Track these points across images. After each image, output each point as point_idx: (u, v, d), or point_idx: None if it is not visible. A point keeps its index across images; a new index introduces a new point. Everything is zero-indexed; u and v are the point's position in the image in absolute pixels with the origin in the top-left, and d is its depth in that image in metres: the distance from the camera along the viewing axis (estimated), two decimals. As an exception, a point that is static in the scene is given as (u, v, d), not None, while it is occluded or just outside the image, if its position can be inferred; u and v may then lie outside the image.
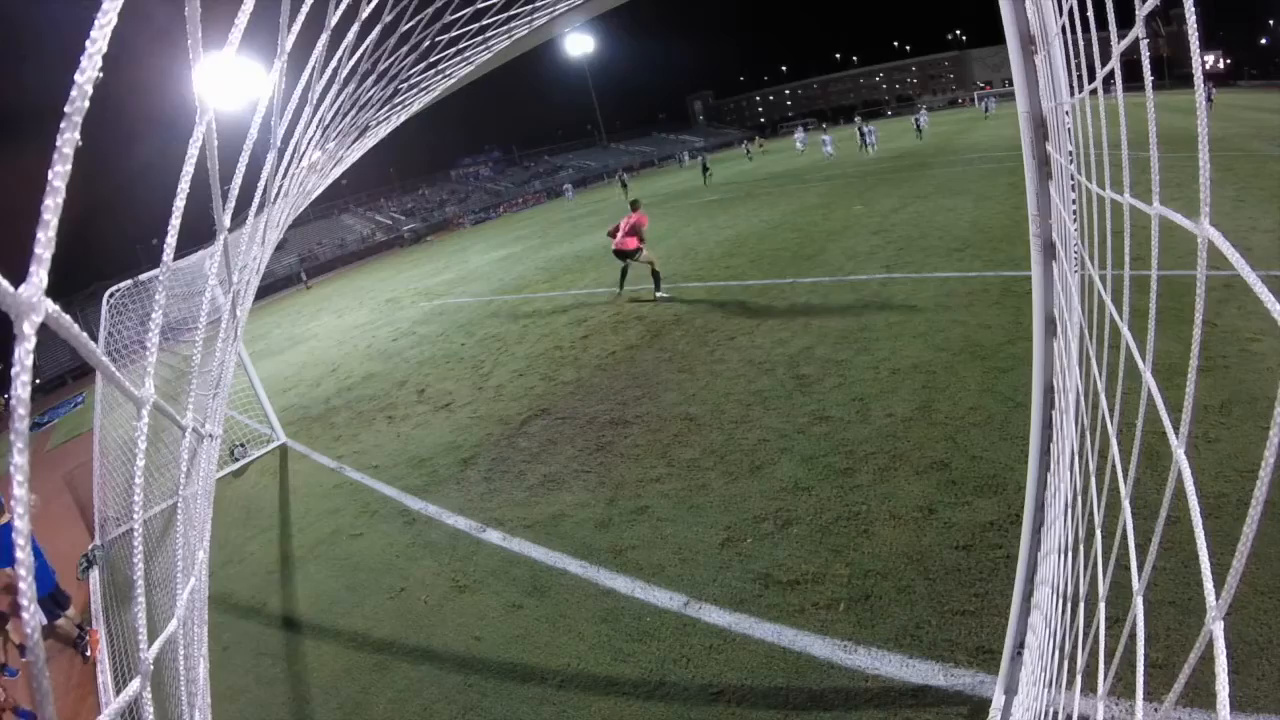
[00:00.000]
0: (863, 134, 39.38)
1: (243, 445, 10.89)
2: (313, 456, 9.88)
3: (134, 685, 0.93)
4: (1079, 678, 1.68)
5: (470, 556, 6.05)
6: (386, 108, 5.09)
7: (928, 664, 3.79)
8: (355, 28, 2.40)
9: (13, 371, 0.56)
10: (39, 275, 0.58)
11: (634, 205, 14.23)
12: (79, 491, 12.06)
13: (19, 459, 0.56)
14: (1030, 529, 2.82)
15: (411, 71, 4.42)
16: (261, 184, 1.96)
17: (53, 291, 0.58)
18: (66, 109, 0.64)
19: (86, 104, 0.66)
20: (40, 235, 0.59)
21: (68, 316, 0.61)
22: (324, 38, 2.03)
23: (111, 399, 10.18)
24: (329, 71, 2.36)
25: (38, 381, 43.69)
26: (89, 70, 0.66)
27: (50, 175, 0.62)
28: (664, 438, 7.31)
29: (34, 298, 0.56)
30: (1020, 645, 3.01)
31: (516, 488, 7.09)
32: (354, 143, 5.64)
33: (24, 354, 0.55)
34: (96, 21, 0.69)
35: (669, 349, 10.28)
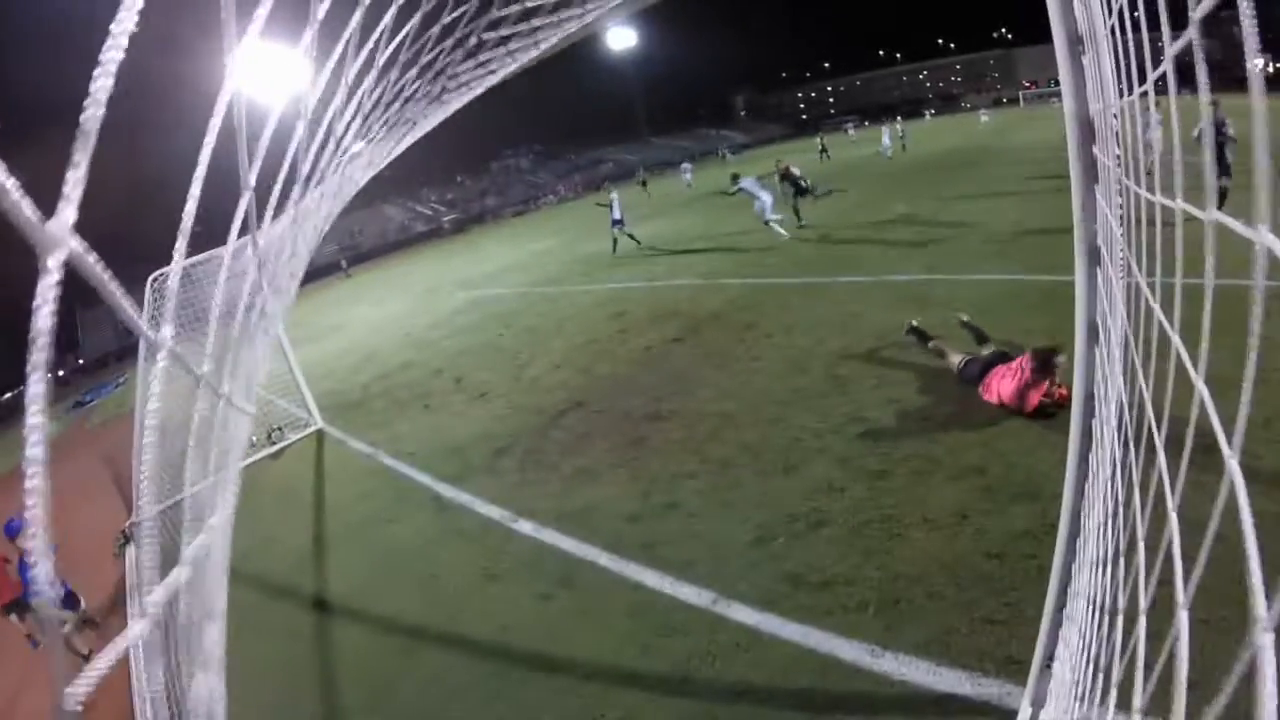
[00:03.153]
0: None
1: (280, 429, 11.08)
2: (349, 442, 10.03)
3: (140, 626, 0.91)
4: (1113, 693, 1.64)
5: (501, 546, 6.10)
6: (432, 103, 5.12)
7: (955, 672, 3.74)
8: (393, 10, 2.41)
9: (34, 305, 0.57)
10: (67, 211, 0.59)
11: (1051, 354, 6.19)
12: (118, 469, 12.36)
13: (36, 420, 0.57)
14: (1066, 539, 2.77)
15: (459, 69, 4.43)
16: (290, 157, 1.96)
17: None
18: (102, 56, 0.66)
19: (121, 54, 0.67)
20: (70, 175, 0.60)
21: (94, 254, 0.63)
22: (358, 15, 2.02)
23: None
24: (365, 53, 2.38)
25: (80, 361, 44.75)
26: (125, 21, 0.67)
27: (82, 120, 0.63)
28: (699, 434, 7.29)
29: (61, 232, 0.57)
30: (1050, 658, 2.95)
31: (550, 479, 7.13)
32: (401, 137, 5.69)
33: (47, 288, 0.57)
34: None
35: (706, 345, 10.25)
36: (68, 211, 0.59)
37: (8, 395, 41.07)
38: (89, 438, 17.58)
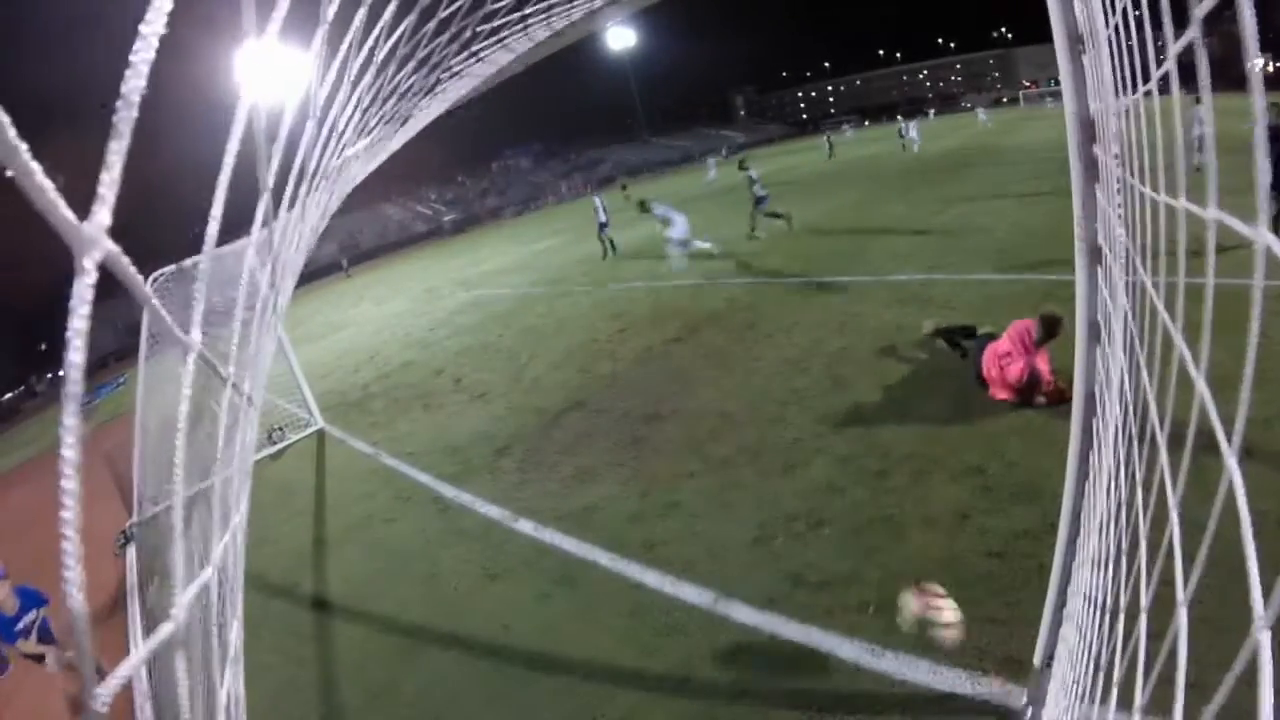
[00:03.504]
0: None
1: (281, 429, 11.08)
2: (349, 442, 10.03)
3: (167, 628, 0.91)
4: (1114, 692, 1.64)
5: (502, 545, 6.10)
6: (427, 96, 5.12)
7: (955, 671, 3.74)
8: (392, 7, 2.41)
9: (70, 305, 0.57)
10: (102, 213, 0.59)
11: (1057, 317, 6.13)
12: (118, 469, 12.33)
13: (70, 420, 0.57)
14: (1066, 538, 2.77)
15: (453, 61, 4.44)
16: (300, 156, 1.97)
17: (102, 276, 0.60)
18: (132, 58, 0.66)
19: (153, 55, 0.67)
20: (105, 176, 0.60)
21: (126, 258, 0.63)
22: (361, 13, 2.04)
23: (154, 380, 10.38)
24: (365, 50, 2.39)
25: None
26: (155, 23, 0.67)
27: (115, 120, 0.63)
28: (698, 434, 7.29)
29: (96, 234, 0.57)
30: (1050, 656, 2.96)
31: (550, 479, 7.13)
32: (396, 131, 5.69)
33: (84, 289, 0.57)
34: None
35: (706, 345, 10.24)
36: (103, 213, 0.59)
37: (9, 395, 41.04)
38: (88, 438, 17.56)
